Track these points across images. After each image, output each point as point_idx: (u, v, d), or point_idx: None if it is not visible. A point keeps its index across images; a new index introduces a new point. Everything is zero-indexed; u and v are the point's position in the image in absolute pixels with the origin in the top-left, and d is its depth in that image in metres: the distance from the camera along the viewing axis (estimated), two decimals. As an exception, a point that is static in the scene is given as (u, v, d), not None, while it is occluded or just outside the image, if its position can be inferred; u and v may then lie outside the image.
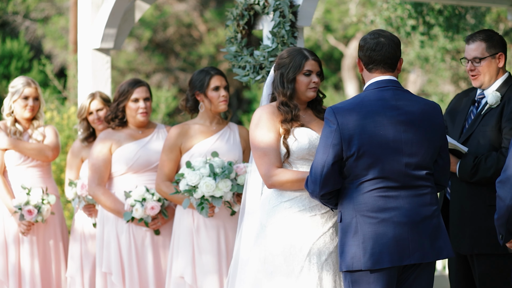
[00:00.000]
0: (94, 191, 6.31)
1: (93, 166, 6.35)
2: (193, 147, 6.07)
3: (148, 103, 6.39)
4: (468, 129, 5.52)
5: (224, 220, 6.04)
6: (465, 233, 5.45)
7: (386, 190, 4.57)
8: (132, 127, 6.44)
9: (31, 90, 6.84)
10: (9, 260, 6.75)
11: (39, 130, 6.88)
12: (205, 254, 6.00)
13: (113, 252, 6.29)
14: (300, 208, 4.94)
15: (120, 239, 6.30)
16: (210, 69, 6.16)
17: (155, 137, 6.44)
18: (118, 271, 6.28)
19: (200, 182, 5.76)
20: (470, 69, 5.51)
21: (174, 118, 22.32)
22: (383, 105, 4.60)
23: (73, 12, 19.02)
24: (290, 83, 5.03)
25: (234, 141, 6.14)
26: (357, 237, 4.56)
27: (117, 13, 7.33)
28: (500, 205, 4.15)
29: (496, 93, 5.46)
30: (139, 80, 6.45)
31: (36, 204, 6.59)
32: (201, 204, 5.80)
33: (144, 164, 6.32)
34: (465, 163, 5.41)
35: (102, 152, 6.34)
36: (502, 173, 4.14)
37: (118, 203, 6.26)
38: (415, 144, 4.60)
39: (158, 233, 6.27)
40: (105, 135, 6.40)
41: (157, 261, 6.32)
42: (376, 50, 4.66)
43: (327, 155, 4.57)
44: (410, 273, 4.65)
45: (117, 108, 6.38)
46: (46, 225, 6.82)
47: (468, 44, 5.51)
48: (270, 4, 5.99)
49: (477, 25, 10.76)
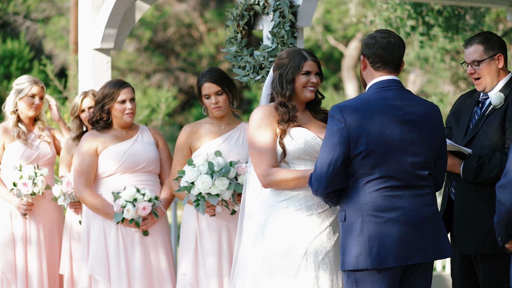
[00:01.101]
0: (81, 193, 6.28)
1: (79, 167, 6.32)
2: (201, 147, 6.10)
3: (134, 104, 6.40)
4: (472, 130, 5.53)
5: (228, 221, 6.06)
6: (469, 233, 5.45)
7: (391, 189, 4.58)
8: (116, 128, 6.42)
9: (38, 89, 6.89)
10: (17, 260, 6.79)
11: (46, 131, 6.94)
12: (207, 255, 6.02)
13: (98, 251, 6.27)
14: (296, 208, 4.96)
15: (108, 237, 6.28)
16: (205, 73, 6.15)
17: (140, 138, 6.43)
18: (104, 269, 6.26)
19: (197, 179, 5.78)
20: (471, 72, 5.53)
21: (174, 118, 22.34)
22: (389, 104, 4.61)
23: (74, 12, 19.04)
24: (289, 84, 5.05)
25: (243, 142, 6.14)
26: (362, 236, 4.56)
27: (118, 13, 7.35)
28: (500, 209, 4.17)
29: (500, 94, 5.47)
30: (123, 81, 6.43)
31: (30, 175, 6.62)
32: (197, 201, 5.82)
33: (131, 165, 6.33)
34: (469, 164, 5.42)
35: (88, 153, 6.31)
36: (503, 178, 4.15)
37: (106, 204, 6.24)
38: (419, 144, 4.62)
39: (147, 234, 6.28)
40: (90, 136, 6.37)
41: (147, 259, 6.30)
42: (388, 49, 4.66)
43: (333, 153, 4.56)
44: (412, 272, 4.67)
45: (102, 110, 6.35)
46: (52, 225, 6.86)
47: (467, 48, 5.53)
48: (270, 4, 6.00)
49: (476, 26, 10.77)
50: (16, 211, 6.81)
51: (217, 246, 6.02)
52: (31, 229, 6.81)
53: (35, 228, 6.82)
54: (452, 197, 5.62)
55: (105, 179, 6.35)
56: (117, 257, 6.25)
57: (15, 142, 6.83)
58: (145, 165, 6.34)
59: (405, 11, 10.70)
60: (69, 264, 6.71)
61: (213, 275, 5.98)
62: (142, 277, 6.25)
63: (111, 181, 6.34)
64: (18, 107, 6.87)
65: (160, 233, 6.36)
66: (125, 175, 6.32)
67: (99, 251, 6.26)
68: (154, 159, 6.39)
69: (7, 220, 6.82)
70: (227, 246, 6.03)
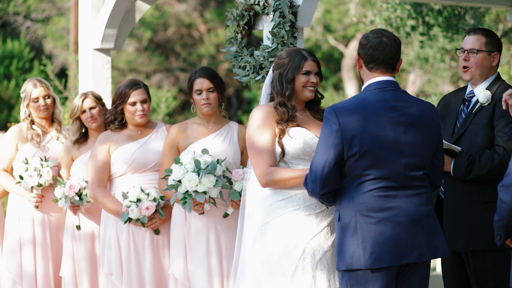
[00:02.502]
0: (94, 193, 6.32)
1: (92, 167, 6.37)
2: (189, 146, 6.08)
3: (146, 105, 6.38)
4: (460, 128, 5.56)
5: (216, 222, 6.04)
6: (459, 231, 5.48)
7: (385, 190, 4.58)
8: (131, 127, 6.45)
9: (38, 90, 6.89)
10: (23, 262, 6.81)
11: (64, 133, 6.98)
12: (196, 255, 6.01)
13: (113, 253, 6.30)
14: (294, 208, 4.97)
15: (120, 240, 6.31)
16: (198, 70, 6.11)
17: (154, 136, 6.43)
18: (118, 271, 6.29)
19: (184, 177, 5.78)
20: (464, 59, 5.55)
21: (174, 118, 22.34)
22: (383, 106, 4.62)
23: (74, 12, 19.06)
24: (289, 83, 5.05)
25: (231, 141, 6.13)
26: (356, 236, 4.57)
27: (118, 13, 7.35)
28: (502, 208, 4.18)
29: (487, 92, 5.50)
30: (136, 82, 6.41)
31: (35, 167, 6.65)
32: (183, 199, 5.82)
33: (142, 164, 6.33)
34: (459, 162, 5.44)
35: (101, 153, 6.34)
36: (505, 178, 4.16)
37: (118, 204, 6.27)
38: (414, 145, 4.62)
39: (158, 232, 6.28)
40: (103, 137, 6.41)
41: (157, 261, 6.31)
42: (379, 49, 4.67)
43: (328, 154, 4.58)
44: (407, 271, 4.67)
45: (116, 111, 6.37)
46: (59, 228, 6.88)
47: (469, 35, 5.56)
48: (270, 5, 6.00)
49: (476, 26, 10.79)
50: (24, 215, 6.84)
51: (205, 245, 6.00)
52: (39, 232, 6.83)
53: (42, 231, 6.84)
54: (441, 195, 5.64)
55: (117, 179, 6.37)
56: (128, 260, 6.26)
57: (27, 144, 6.87)
58: (155, 164, 6.33)
59: (405, 11, 10.71)
60: (71, 266, 6.71)
61: (204, 274, 5.97)
62: (153, 279, 6.25)
63: (122, 181, 6.35)
64: (28, 112, 6.92)
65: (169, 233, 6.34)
66: (135, 175, 6.33)
67: (115, 254, 6.29)
68: None
69: (15, 224, 6.86)
70: (215, 246, 6.01)
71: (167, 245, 6.31)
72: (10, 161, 6.87)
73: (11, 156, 6.88)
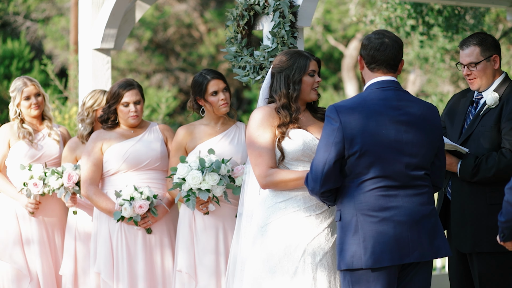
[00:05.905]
0: (87, 191, 6.33)
1: (85, 165, 6.38)
2: (196, 147, 6.11)
3: (139, 106, 6.39)
4: (467, 130, 5.56)
5: (223, 221, 6.06)
6: (466, 232, 5.48)
7: (386, 189, 4.59)
8: (124, 127, 6.47)
9: (29, 89, 6.88)
10: (22, 260, 6.80)
11: (55, 129, 6.96)
12: (203, 253, 6.02)
13: (105, 251, 6.31)
14: (295, 209, 4.97)
15: (112, 238, 6.32)
16: (207, 72, 6.15)
17: (147, 135, 6.45)
18: (109, 269, 6.30)
19: (188, 175, 5.80)
20: (467, 73, 5.55)
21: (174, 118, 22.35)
22: (385, 105, 4.62)
23: (74, 12, 19.07)
24: (296, 85, 5.05)
25: (238, 141, 6.15)
26: (357, 236, 4.58)
27: (118, 13, 7.36)
28: (508, 210, 4.21)
29: (494, 94, 5.50)
30: (130, 83, 6.42)
31: (40, 176, 6.65)
32: (187, 196, 5.84)
33: (134, 163, 6.34)
34: (466, 164, 5.44)
35: (94, 151, 6.37)
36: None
37: (110, 203, 6.28)
38: (415, 145, 4.63)
39: (150, 231, 6.29)
40: (96, 135, 6.43)
41: (149, 260, 6.32)
42: (380, 50, 4.68)
43: (328, 153, 4.58)
44: (409, 271, 4.67)
45: (109, 110, 6.40)
46: (58, 225, 6.88)
47: (462, 50, 5.55)
48: (270, 5, 6.01)
49: (476, 25, 10.79)
50: (21, 212, 6.82)
51: (214, 244, 6.02)
52: (38, 229, 6.83)
53: (41, 228, 6.83)
54: (449, 196, 5.64)
55: (110, 178, 6.39)
56: (120, 257, 6.27)
57: (19, 142, 6.85)
58: (148, 163, 6.35)
59: (405, 10, 10.72)
60: (73, 264, 6.72)
61: (212, 273, 5.99)
62: (145, 277, 6.26)
63: (115, 180, 6.37)
64: (19, 112, 6.90)
65: (166, 233, 6.36)
66: (129, 173, 6.34)
67: (105, 252, 6.29)
68: (158, 156, 6.39)
69: (13, 221, 6.84)
70: (223, 245, 6.04)
71: (159, 244, 6.33)
72: (3, 159, 6.87)
73: (3, 153, 6.86)
